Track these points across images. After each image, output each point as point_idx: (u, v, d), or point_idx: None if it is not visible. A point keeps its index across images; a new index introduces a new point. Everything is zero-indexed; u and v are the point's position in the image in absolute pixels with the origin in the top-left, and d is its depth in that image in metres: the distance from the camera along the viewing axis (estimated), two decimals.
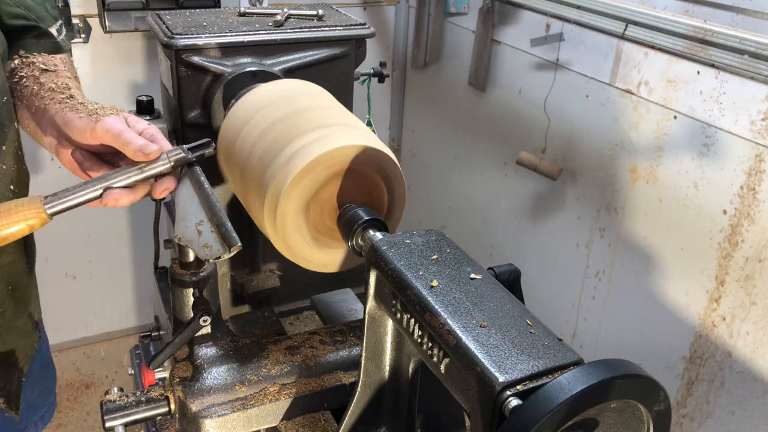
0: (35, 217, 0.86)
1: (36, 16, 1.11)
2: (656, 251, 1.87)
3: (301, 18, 1.40)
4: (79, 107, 0.97)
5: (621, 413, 0.67)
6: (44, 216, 0.87)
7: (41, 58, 1.10)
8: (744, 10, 1.87)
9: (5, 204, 0.86)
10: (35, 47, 1.12)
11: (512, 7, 2.24)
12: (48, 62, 1.10)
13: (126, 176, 0.92)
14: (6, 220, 0.85)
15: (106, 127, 0.92)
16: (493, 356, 0.69)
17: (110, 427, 1.05)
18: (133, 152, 0.91)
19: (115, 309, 2.76)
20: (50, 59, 1.12)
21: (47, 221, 0.87)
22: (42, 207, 0.87)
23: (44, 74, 1.07)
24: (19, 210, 0.85)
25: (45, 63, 1.10)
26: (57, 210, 0.88)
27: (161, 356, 1.01)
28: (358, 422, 0.96)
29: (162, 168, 0.93)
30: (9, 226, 0.85)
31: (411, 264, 0.83)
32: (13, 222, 0.85)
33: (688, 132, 1.73)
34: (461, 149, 2.68)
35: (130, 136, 0.91)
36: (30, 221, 0.86)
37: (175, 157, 0.94)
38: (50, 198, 0.88)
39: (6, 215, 0.85)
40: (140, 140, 0.91)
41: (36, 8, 1.12)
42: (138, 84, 2.43)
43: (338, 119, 1.07)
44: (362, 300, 0.91)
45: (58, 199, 0.88)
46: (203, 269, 1.06)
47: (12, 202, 0.87)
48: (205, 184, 0.94)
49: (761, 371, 1.63)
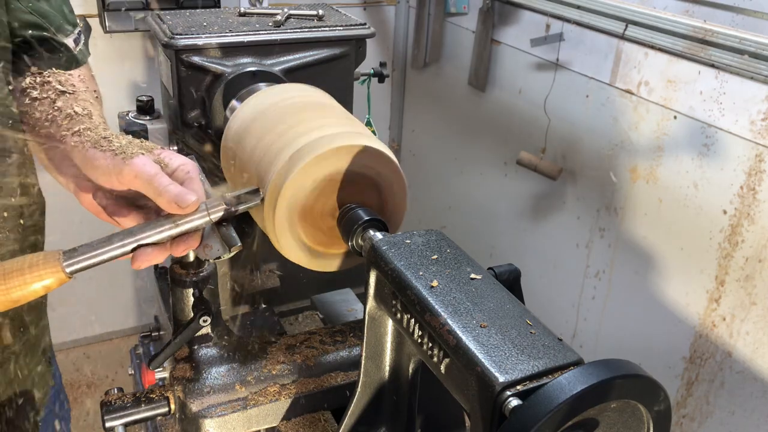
0: (52, 276, 0.75)
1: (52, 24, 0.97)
2: (656, 251, 1.87)
3: (301, 18, 1.40)
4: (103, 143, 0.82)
5: (621, 413, 0.67)
6: (62, 276, 0.76)
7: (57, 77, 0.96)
8: (744, 10, 1.87)
9: (18, 260, 0.75)
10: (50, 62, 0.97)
11: (512, 7, 2.24)
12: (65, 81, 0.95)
13: (157, 231, 0.79)
14: (18, 281, 0.74)
15: (136, 170, 0.78)
16: (493, 356, 0.69)
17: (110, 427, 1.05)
18: (167, 204, 0.77)
19: (115, 309, 2.76)
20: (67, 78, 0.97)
21: (65, 281, 0.76)
22: (60, 265, 0.76)
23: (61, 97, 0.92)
24: (34, 269, 0.74)
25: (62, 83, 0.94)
26: (77, 269, 0.77)
27: (161, 356, 1.01)
28: (358, 422, 0.96)
29: (199, 222, 0.81)
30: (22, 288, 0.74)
31: (411, 264, 0.83)
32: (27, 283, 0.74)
33: (688, 132, 1.73)
34: (461, 149, 2.68)
35: (163, 184, 0.77)
36: (45, 281, 0.75)
37: (215, 211, 0.81)
38: (69, 254, 0.77)
39: (18, 274, 0.74)
40: (175, 189, 0.77)
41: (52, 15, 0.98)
42: (138, 84, 2.43)
43: (338, 120, 1.07)
44: (362, 300, 0.91)
45: (78, 255, 0.77)
46: (203, 269, 1.06)
47: (26, 258, 0.76)
48: (204, 184, 0.94)
49: (761, 371, 1.63)
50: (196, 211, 0.80)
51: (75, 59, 1.01)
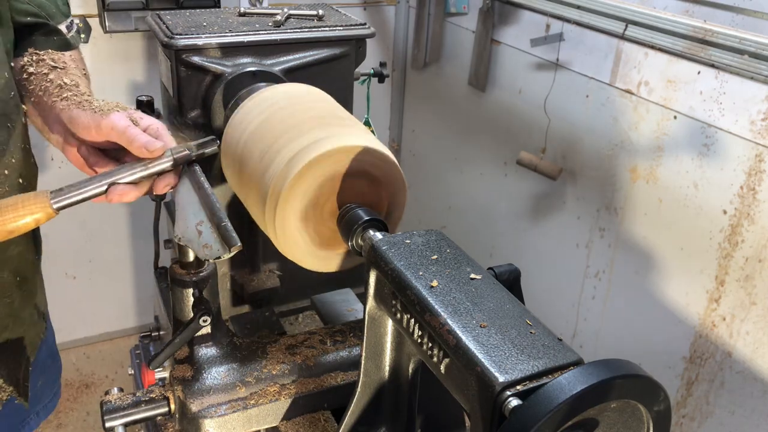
0: (41, 211, 0.87)
1: (46, 13, 1.12)
2: (656, 251, 1.87)
3: (301, 18, 1.40)
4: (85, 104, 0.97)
5: (621, 413, 0.67)
6: (50, 210, 0.88)
7: (51, 56, 1.11)
8: (744, 10, 1.87)
9: (12, 198, 0.87)
10: (45, 44, 1.12)
11: (512, 7, 2.24)
12: (57, 59, 1.11)
13: (131, 173, 0.93)
14: (12, 214, 0.86)
15: (111, 123, 0.92)
16: (493, 356, 0.69)
17: (110, 427, 1.05)
18: (137, 149, 0.91)
19: (115, 309, 2.76)
20: (60, 56, 1.12)
21: (53, 216, 0.88)
22: (48, 202, 0.88)
23: (53, 71, 1.07)
24: (26, 204, 0.86)
25: (54, 60, 1.10)
26: (63, 205, 0.89)
27: (161, 356, 1.01)
28: (358, 422, 0.96)
29: (166, 165, 0.94)
30: (15, 220, 0.86)
31: (411, 264, 0.83)
32: (20, 216, 0.86)
33: (688, 132, 1.73)
34: (461, 149, 2.68)
35: (134, 133, 0.92)
36: (36, 215, 0.87)
37: (178, 154, 0.95)
38: (56, 193, 0.89)
39: (13, 209, 0.86)
40: (144, 137, 0.92)
41: (47, 5, 1.12)
42: (138, 84, 2.43)
43: (337, 120, 1.07)
44: (362, 300, 0.91)
45: (63, 194, 0.89)
46: (203, 269, 1.06)
47: (18, 196, 0.88)
48: (205, 184, 0.94)
49: (761, 371, 1.63)
50: (162, 156, 0.93)
51: (68, 43, 1.15)
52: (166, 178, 0.95)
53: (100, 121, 0.93)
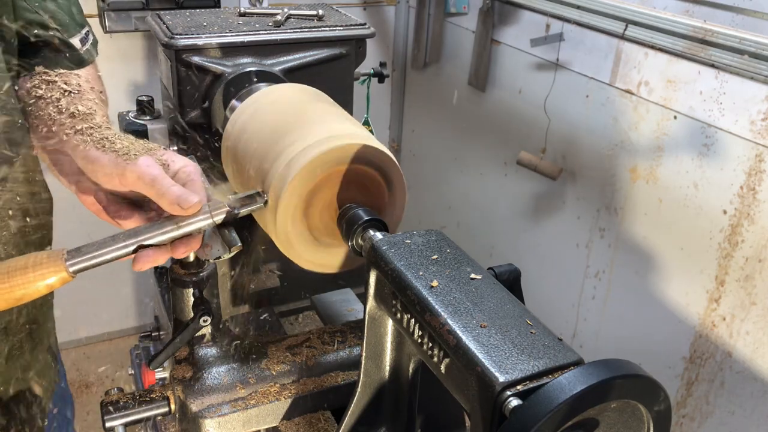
0: (55, 275, 0.76)
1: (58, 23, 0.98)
2: (656, 251, 1.87)
3: (301, 18, 1.40)
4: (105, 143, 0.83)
5: (621, 413, 0.67)
6: (65, 275, 0.77)
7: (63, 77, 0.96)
8: (744, 10, 1.87)
9: (23, 258, 0.77)
10: (55, 62, 0.98)
11: (512, 7, 2.24)
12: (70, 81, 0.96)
13: (160, 232, 0.80)
14: (21, 279, 0.75)
15: (138, 172, 0.79)
16: (493, 356, 0.69)
17: (110, 427, 1.05)
18: (169, 205, 0.78)
19: (115, 309, 2.76)
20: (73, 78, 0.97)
21: (68, 280, 0.77)
22: (63, 264, 0.77)
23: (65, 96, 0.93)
24: (37, 268, 0.75)
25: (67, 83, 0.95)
26: (80, 268, 0.78)
27: (161, 356, 1.01)
28: (358, 422, 0.96)
29: (202, 224, 0.81)
30: (25, 286, 0.75)
31: (411, 264, 0.83)
32: (29, 282, 0.75)
33: (688, 132, 1.73)
34: (461, 149, 2.68)
35: (165, 186, 0.78)
36: (48, 280, 0.76)
37: (218, 213, 0.82)
38: (73, 254, 0.77)
39: (22, 273, 0.75)
40: (176, 190, 0.78)
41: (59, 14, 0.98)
42: (138, 84, 2.43)
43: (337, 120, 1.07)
44: (362, 300, 0.91)
45: (82, 255, 0.78)
46: (203, 269, 1.06)
47: (30, 257, 0.77)
48: (204, 183, 0.94)
49: (761, 371, 1.63)
50: (198, 213, 0.81)
51: (81, 59, 1.02)
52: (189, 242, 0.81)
53: (124, 169, 0.79)
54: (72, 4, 1.02)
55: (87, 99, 0.94)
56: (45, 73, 0.96)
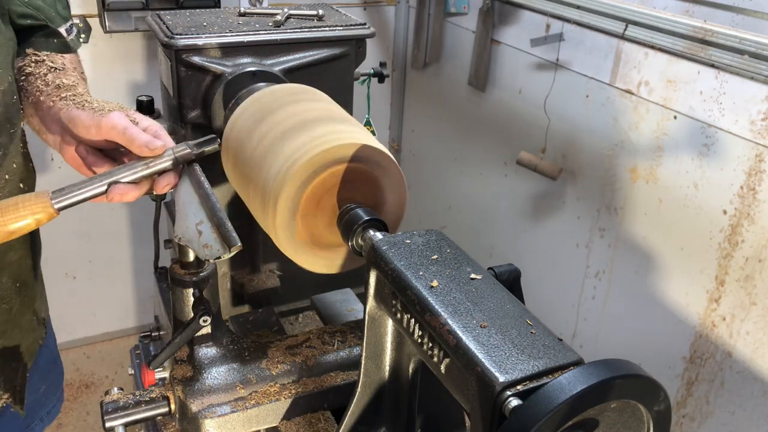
0: (42, 211, 0.87)
1: (45, 16, 1.11)
2: (656, 251, 1.87)
3: (301, 18, 1.40)
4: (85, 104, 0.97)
5: (621, 413, 0.67)
6: (51, 210, 0.87)
7: (49, 57, 1.11)
8: (744, 10, 1.87)
9: (12, 199, 0.87)
10: (44, 46, 1.12)
11: (512, 7, 2.24)
12: (56, 61, 1.11)
13: (132, 171, 0.92)
14: (13, 215, 0.85)
15: (111, 123, 0.92)
16: (493, 356, 0.69)
17: (110, 427, 1.05)
18: (138, 148, 0.91)
19: (115, 309, 2.76)
20: (58, 58, 1.12)
21: (54, 216, 0.88)
22: (49, 201, 0.87)
23: (51, 72, 1.07)
24: (26, 205, 0.86)
25: (53, 61, 1.10)
26: (64, 205, 0.89)
27: (161, 356, 1.01)
28: (358, 422, 0.96)
29: (167, 163, 0.94)
30: (16, 221, 0.85)
31: (411, 264, 0.83)
32: (21, 216, 0.85)
33: (688, 132, 1.73)
34: (461, 149, 2.68)
35: (135, 132, 0.92)
36: (37, 215, 0.86)
37: (180, 153, 0.95)
38: (57, 193, 0.88)
39: (13, 210, 0.85)
40: (145, 136, 0.92)
41: (45, 8, 1.11)
42: (138, 84, 2.43)
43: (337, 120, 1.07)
44: (362, 300, 0.91)
45: (64, 194, 0.89)
46: (203, 269, 1.06)
47: (19, 197, 0.87)
48: (205, 184, 0.94)
49: (761, 371, 1.63)
50: (163, 155, 0.93)
51: (67, 46, 1.16)
52: (166, 178, 0.95)
53: (100, 121, 0.93)
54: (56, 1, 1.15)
55: (70, 74, 1.09)
56: (34, 54, 1.10)
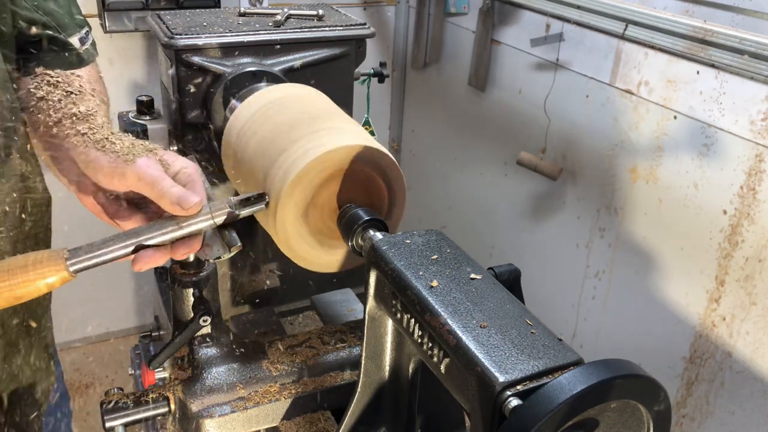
0: (55, 275, 0.76)
1: (57, 23, 0.98)
2: (656, 251, 1.87)
3: (301, 18, 1.40)
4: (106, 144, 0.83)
5: (621, 413, 0.67)
6: (65, 275, 0.77)
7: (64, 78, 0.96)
8: (744, 10, 1.87)
9: (23, 257, 0.77)
10: (55, 62, 0.98)
11: (512, 7, 2.24)
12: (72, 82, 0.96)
13: (161, 232, 0.80)
14: (22, 278, 0.75)
15: (139, 173, 0.79)
16: (493, 356, 0.69)
17: (110, 427, 1.05)
18: (170, 206, 0.78)
19: (115, 309, 2.76)
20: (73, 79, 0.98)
21: (68, 280, 0.78)
22: (64, 264, 0.77)
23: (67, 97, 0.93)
24: (38, 267, 0.76)
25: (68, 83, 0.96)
26: (81, 268, 0.78)
27: (161, 356, 1.01)
28: (358, 422, 0.96)
29: (203, 225, 0.81)
30: (26, 285, 0.75)
31: (411, 264, 0.83)
32: (30, 280, 0.75)
33: (688, 132, 1.73)
34: (461, 149, 2.68)
35: (166, 186, 0.79)
36: (49, 280, 0.76)
37: (219, 214, 0.82)
38: (73, 252, 0.78)
39: (22, 272, 0.75)
40: (177, 190, 0.79)
41: (58, 14, 0.98)
42: (138, 84, 2.43)
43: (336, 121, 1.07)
44: (362, 300, 0.91)
45: (82, 254, 0.78)
46: (203, 269, 1.06)
47: (30, 255, 0.77)
48: (205, 184, 0.94)
49: (761, 371, 1.63)
50: (199, 214, 0.81)
51: (81, 59, 1.02)
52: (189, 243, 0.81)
53: (125, 170, 0.80)
54: (71, 4, 1.02)
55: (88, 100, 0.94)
56: (46, 74, 0.95)
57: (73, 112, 0.90)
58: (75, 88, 0.95)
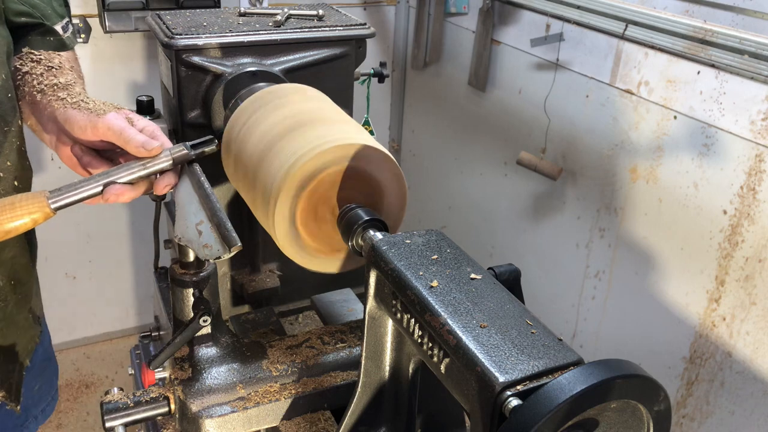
0: (39, 211, 0.86)
1: (41, 13, 1.11)
2: (656, 251, 1.87)
3: (301, 18, 1.40)
4: (81, 104, 0.98)
5: (621, 413, 0.67)
6: (48, 210, 0.87)
7: (46, 55, 1.10)
8: (744, 10, 1.87)
9: (9, 198, 0.87)
10: (40, 44, 1.11)
11: (512, 7, 2.24)
12: (52, 59, 1.11)
13: (128, 172, 0.92)
14: (10, 214, 0.85)
15: (108, 123, 0.93)
16: (493, 356, 0.69)
17: (110, 427, 1.05)
18: (135, 148, 0.92)
19: (115, 309, 2.76)
20: (55, 56, 1.12)
21: (51, 216, 0.88)
22: (46, 201, 0.87)
23: (48, 71, 1.07)
24: (23, 204, 0.86)
25: (49, 60, 1.10)
26: (60, 205, 0.88)
27: (161, 356, 1.01)
28: (358, 422, 0.96)
29: (164, 164, 0.94)
30: (13, 220, 0.85)
31: (411, 264, 0.83)
32: (17, 216, 0.85)
33: (688, 132, 1.73)
34: (461, 149, 2.68)
35: (131, 133, 0.92)
36: (33, 215, 0.86)
37: (177, 153, 0.95)
38: (54, 193, 0.88)
39: (10, 209, 0.85)
40: (142, 137, 0.92)
41: (41, 5, 1.11)
42: (138, 84, 2.43)
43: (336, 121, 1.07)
44: (362, 300, 0.91)
45: (61, 194, 0.89)
46: (203, 269, 1.06)
47: (16, 196, 0.87)
48: (204, 184, 0.94)
49: (761, 371, 1.63)
50: (160, 156, 0.93)
51: (63, 44, 1.15)
52: (165, 178, 0.95)
53: (96, 121, 0.93)
54: None
55: (66, 73, 1.09)
56: (31, 53, 1.09)
57: (54, 83, 1.04)
58: (55, 64, 1.10)
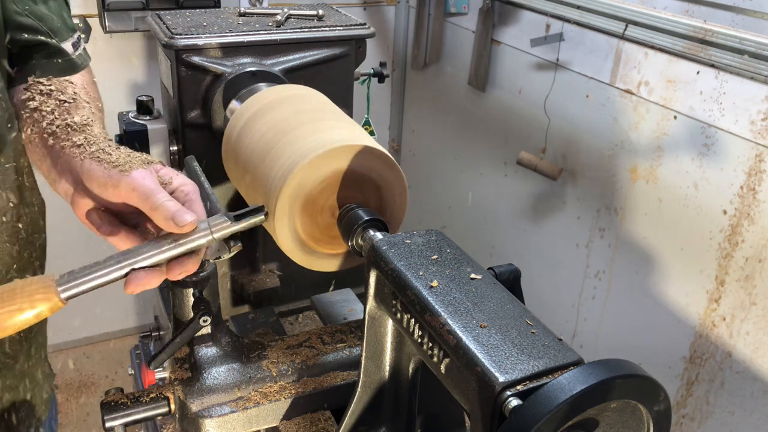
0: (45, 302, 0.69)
1: (48, 28, 0.95)
2: (656, 251, 1.87)
3: (301, 18, 1.40)
4: (102, 154, 0.80)
5: (621, 413, 0.67)
6: (56, 300, 0.70)
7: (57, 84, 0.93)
8: (744, 10, 1.87)
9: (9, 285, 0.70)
10: (47, 69, 0.94)
11: (512, 7, 2.24)
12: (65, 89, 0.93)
13: (156, 252, 0.75)
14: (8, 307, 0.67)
15: (133, 184, 0.75)
16: (493, 356, 0.69)
17: (110, 427, 1.05)
18: (163, 221, 0.74)
19: (115, 309, 2.76)
20: (68, 85, 0.95)
21: (60, 307, 0.71)
22: (54, 290, 0.70)
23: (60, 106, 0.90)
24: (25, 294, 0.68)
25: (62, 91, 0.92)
26: (72, 294, 0.72)
27: (161, 356, 1.01)
28: (358, 422, 0.96)
29: (201, 242, 0.77)
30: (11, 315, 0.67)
31: (411, 264, 0.83)
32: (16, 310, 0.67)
33: (688, 132, 1.73)
34: (461, 149, 2.68)
35: (160, 200, 0.74)
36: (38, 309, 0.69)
37: (218, 228, 0.77)
38: (64, 278, 0.72)
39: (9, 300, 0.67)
40: (173, 205, 0.74)
41: (49, 18, 0.95)
42: (138, 84, 2.43)
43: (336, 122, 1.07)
44: (362, 300, 0.91)
45: (73, 279, 0.72)
46: (203, 269, 1.06)
47: (19, 282, 0.70)
48: (205, 184, 0.94)
49: (761, 371, 1.63)
50: (197, 230, 0.77)
51: (74, 64, 0.99)
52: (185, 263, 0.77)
53: (119, 180, 0.76)
54: (62, 9, 1.00)
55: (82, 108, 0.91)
56: (39, 83, 0.92)
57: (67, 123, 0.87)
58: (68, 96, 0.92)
